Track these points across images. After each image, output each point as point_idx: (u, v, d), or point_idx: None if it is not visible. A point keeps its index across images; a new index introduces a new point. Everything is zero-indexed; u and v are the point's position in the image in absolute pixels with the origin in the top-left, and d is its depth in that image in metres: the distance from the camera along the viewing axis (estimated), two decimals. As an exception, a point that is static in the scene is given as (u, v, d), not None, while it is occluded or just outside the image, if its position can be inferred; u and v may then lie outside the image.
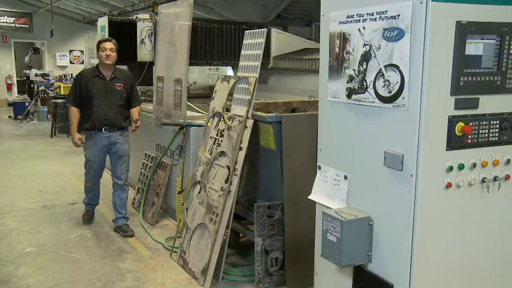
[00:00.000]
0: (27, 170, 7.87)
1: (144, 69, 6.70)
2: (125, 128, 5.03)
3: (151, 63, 6.50)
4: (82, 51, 17.90)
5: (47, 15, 15.39)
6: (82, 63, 17.48)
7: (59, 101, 11.53)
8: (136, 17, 7.10)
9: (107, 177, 5.42)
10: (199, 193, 4.22)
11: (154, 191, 5.50)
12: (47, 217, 5.59)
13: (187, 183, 4.63)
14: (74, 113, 4.93)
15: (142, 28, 6.91)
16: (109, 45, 4.85)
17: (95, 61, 8.30)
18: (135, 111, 5.03)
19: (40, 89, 15.01)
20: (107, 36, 7.32)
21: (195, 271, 3.98)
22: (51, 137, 11.25)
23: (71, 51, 19.30)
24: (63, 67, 18.94)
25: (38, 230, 5.16)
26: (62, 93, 13.52)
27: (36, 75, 15.91)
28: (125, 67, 7.83)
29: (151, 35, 6.84)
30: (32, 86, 15.91)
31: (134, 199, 5.89)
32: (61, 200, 6.25)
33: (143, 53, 6.89)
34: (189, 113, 5.39)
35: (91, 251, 4.62)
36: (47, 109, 13.93)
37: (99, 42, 4.90)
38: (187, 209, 4.34)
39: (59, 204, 6.08)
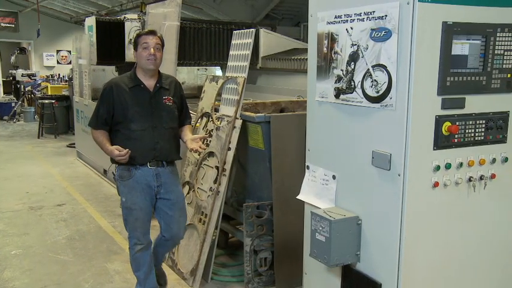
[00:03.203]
0: (14, 171, 7.78)
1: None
2: (174, 163, 3.51)
3: (140, 64, 6.45)
4: (69, 51, 17.75)
5: (33, 14, 15.24)
6: (69, 63, 17.34)
7: (46, 101, 11.42)
8: (124, 17, 7.07)
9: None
10: (188, 193, 4.21)
11: (142, 191, 5.46)
12: (34, 219, 5.53)
13: (176, 184, 4.60)
14: (101, 134, 3.28)
15: (131, 28, 6.86)
16: (153, 39, 3.20)
17: (83, 61, 8.22)
18: (187, 130, 3.53)
19: (27, 89, 14.87)
20: (94, 36, 7.23)
21: (184, 272, 3.96)
22: (38, 137, 11.14)
23: (58, 51, 19.17)
24: (50, 67, 18.81)
25: (25, 232, 5.10)
26: (49, 93, 13.41)
27: (22, 75, 15.77)
28: (112, 68, 7.80)
29: (140, 35, 6.81)
30: (19, 86, 15.73)
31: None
32: (48, 201, 6.19)
33: (131, 53, 6.76)
34: (177, 114, 5.36)
35: (79, 252, 4.58)
36: (33, 110, 13.81)
37: (138, 36, 3.26)
38: (176, 210, 4.32)
39: (46, 205, 6.02)
